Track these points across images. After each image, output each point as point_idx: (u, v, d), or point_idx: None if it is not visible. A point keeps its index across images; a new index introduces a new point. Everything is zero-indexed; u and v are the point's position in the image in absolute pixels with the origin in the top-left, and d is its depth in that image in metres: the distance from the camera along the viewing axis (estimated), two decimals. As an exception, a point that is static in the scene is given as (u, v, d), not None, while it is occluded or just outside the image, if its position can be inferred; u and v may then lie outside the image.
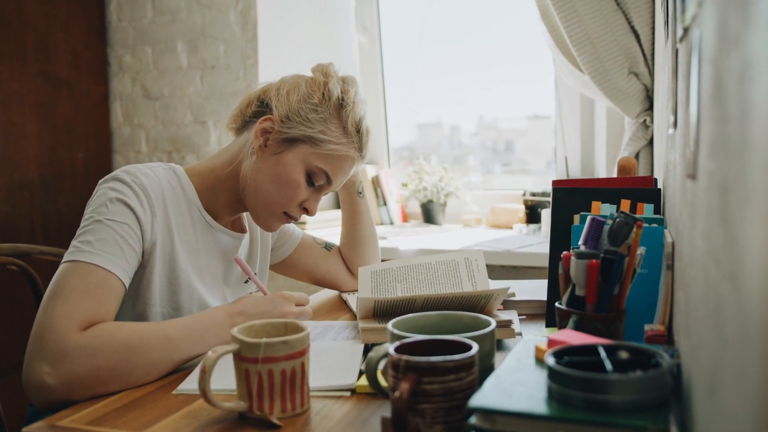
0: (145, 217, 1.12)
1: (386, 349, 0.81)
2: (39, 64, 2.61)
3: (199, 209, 1.24)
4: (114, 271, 1.05)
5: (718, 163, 0.50)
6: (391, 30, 3.01)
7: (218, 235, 1.27)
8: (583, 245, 0.95)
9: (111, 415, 0.90)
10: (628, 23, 1.96)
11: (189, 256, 1.21)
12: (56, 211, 2.67)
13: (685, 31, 0.79)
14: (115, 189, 1.12)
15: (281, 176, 1.22)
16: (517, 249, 2.16)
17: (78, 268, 1.03)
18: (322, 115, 1.22)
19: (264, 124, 1.22)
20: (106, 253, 1.05)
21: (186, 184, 1.23)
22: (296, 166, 1.22)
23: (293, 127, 1.21)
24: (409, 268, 1.33)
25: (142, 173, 1.15)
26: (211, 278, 1.26)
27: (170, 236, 1.17)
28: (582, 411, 0.65)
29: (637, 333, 1.02)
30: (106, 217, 1.08)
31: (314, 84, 1.25)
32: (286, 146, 1.22)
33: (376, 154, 3.01)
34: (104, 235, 1.07)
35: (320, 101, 1.23)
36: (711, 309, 0.53)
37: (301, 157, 1.22)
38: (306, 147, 1.22)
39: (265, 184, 1.23)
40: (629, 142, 2.01)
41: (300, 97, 1.23)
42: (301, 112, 1.22)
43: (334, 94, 1.23)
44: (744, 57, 0.40)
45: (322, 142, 1.22)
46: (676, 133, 0.94)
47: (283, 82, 1.28)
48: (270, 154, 1.23)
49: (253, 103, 1.28)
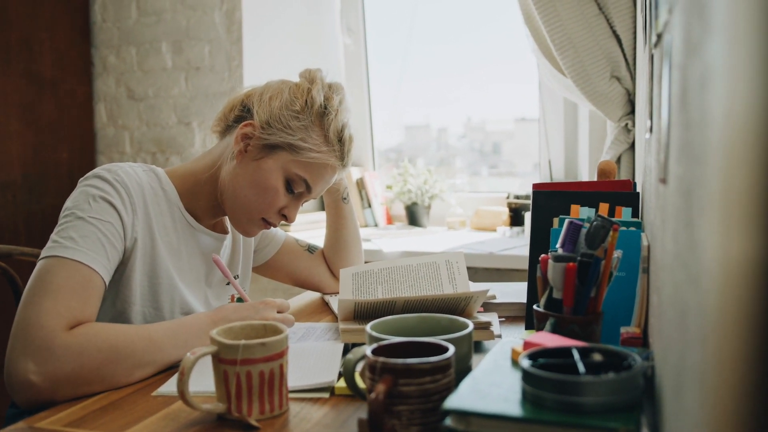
0: (127, 216, 1.12)
1: (364, 351, 0.82)
2: (22, 64, 2.59)
3: (181, 210, 1.23)
4: (97, 270, 1.05)
5: (684, 168, 0.51)
6: (376, 31, 3.01)
7: (200, 236, 1.27)
8: (561, 248, 0.96)
9: (90, 416, 0.90)
10: (610, 27, 1.98)
11: (170, 256, 1.21)
12: (40, 212, 2.66)
13: (659, 37, 0.80)
14: (97, 187, 1.11)
15: (260, 183, 1.22)
16: (500, 251, 2.17)
17: (63, 265, 1.03)
18: (303, 123, 1.22)
19: (245, 129, 1.22)
20: (90, 250, 1.05)
21: (167, 185, 1.23)
22: (275, 173, 1.22)
23: (273, 133, 1.21)
24: (390, 270, 1.33)
25: (123, 171, 1.15)
26: (192, 279, 1.26)
27: (151, 235, 1.17)
28: (555, 413, 0.66)
29: (615, 335, 1.03)
30: (90, 215, 1.08)
31: (298, 90, 1.24)
32: (265, 152, 1.22)
33: (361, 157, 3.02)
34: (87, 233, 1.06)
35: (302, 108, 1.22)
36: (678, 312, 0.54)
37: (281, 164, 1.22)
38: (286, 154, 1.21)
39: (244, 190, 1.22)
40: (611, 146, 2.02)
41: (282, 104, 1.22)
42: (282, 118, 1.21)
43: (317, 101, 1.23)
44: (704, 64, 0.41)
45: (302, 150, 1.21)
46: (652, 137, 0.95)
47: (267, 87, 1.28)
48: (250, 160, 1.22)
49: (236, 107, 1.28)
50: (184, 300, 1.22)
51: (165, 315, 1.19)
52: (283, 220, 1.28)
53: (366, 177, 2.83)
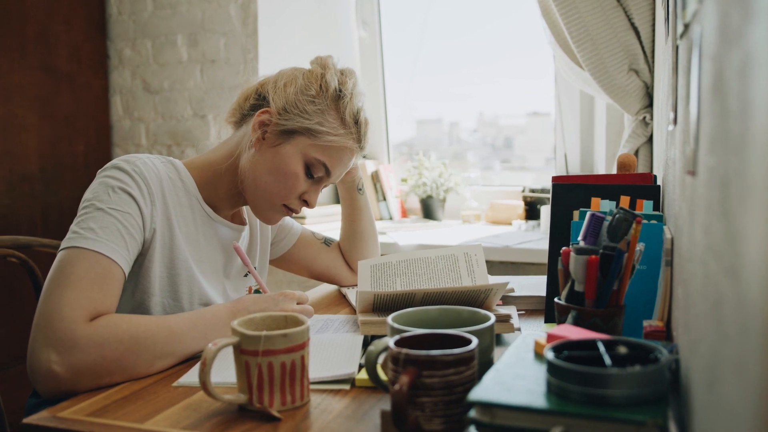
0: (146, 206, 1.12)
1: (386, 342, 0.82)
2: (39, 57, 2.60)
3: (199, 201, 1.24)
4: (117, 261, 1.05)
5: (718, 158, 0.51)
6: (391, 25, 3.01)
7: (218, 227, 1.27)
8: (583, 241, 0.95)
9: (112, 406, 0.90)
10: (628, 20, 1.96)
11: (189, 247, 1.21)
12: (56, 204, 2.67)
13: (686, 28, 0.79)
14: (116, 178, 1.12)
15: (280, 168, 1.22)
16: (516, 245, 2.16)
17: (84, 256, 1.03)
18: (319, 107, 1.22)
19: (261, 116, 1.23)
20: (110, 241, 1.05)
21: (185, 177, 1.23)
22: (294, 158, 1.22)
23: (291, 119, 1.22)
24: (408, 263, 1.33)
25: (142, 162, 1.15)
26: (211, 270, 1.26)
27: (170, 227, 1.17)
28: (580, 405, 0.66)
29: (636, 329, 1.03)
30: (109, 206, 1.08)
31: (312, 76, 1.25)
32: (284, 138, 1.22)
33: (376, 150, 3.01)
34: (107, 224, 1.07)
35: (317, 93, 1.23)
36: (710, 303, 0.53)
37: (300, 148, 1.22)
38: (304, 139, 1.22)
39: (264, 177, 1.23)
40: (629, 139, 2.01)
41: (297, 89, 1.23)
42: (299, 103, 1.22)
43: (332, 85, 1.23)
44: (745, 52, 0.40)
45: (320, 134, 1.22)
46: (676, 129, 0.94)
47: (280, 74, 1.28)
48: (268, 147, 1.23)
49: (251, 96, 1.28)
50: (202, 291, 1.23)
51: (184, 306, 1.20)
52: (304, 206, 1.29)
53: (381, 170, 2.83)
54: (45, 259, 1.73)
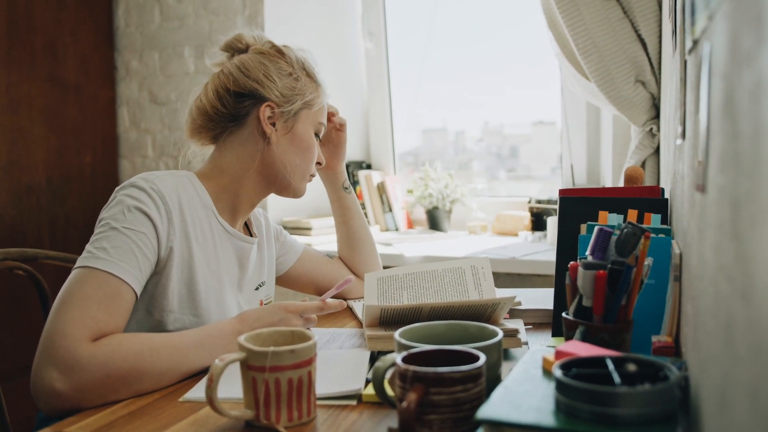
0: (162, 225, 1.12)
1: (393, 358, 0.81)
2: (47, 68, 2.62)
3: (215, 214, 1.24)
4: (128, 281, 1.05)
5: (729, 178, 0.50)
6: (397, 34, 3.01)
7: (234, 240, 1.28)
8: (591, 255, 0.95)
9: (118, 422, 0.90)
10: (635, 31, 1.96)
11: (208, 263, 1.21)
12: (63, 215, 2.68)
13: (695, 44, 0.79)
14: (133, 196, 1.12)
15: (302, 146, 1.31)
16: (522, 257, 2.16)
17: (93, 276, 1.03)
18: (301, 81, 1.30)
19: (265, 112, 1.26)
20: (122, 261, 1.05)
21: (200, 190, 1.23)
22: (308, 132, 1.32)
23: (292, 101, 1.28)
24: (415, 276, 1.33)
25: (160, 180, 1.16)
26: (228, 284, 1.26)
27: (188, 243, 1.17)
28: (590, 424, 0.65)
29: (644, 344, 1.02)
30: (123, 225, 1.08)
31: (271, 57, 1.30)
32: (292, 120, 1.29)
33: (382, 161, 3.02)
34: (120, 243, 1.07)
35: (292, 70, 1.30)
36: (721, 324, 0.53)
37: (308, 122, 1.31)
38: (306, 111, 1.31)
39: (293, 159, 1.30)
40: (635, 151, 2.01)
41: (280, 74, 1.28)
42: (288, 85, 1.28)
43: (293, 56, 1.31)
44: (757, 75, 0.40)
45: (313, 102, 1.32)
46: (685, 143, 0.94)
47: (226, 75, 1.30)
48: (282, 134, 1.29)
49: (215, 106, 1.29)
50: (223, 305, 1.23)
51: (204, 322, 1.19)
52: (318, 165, 1.39)
53: (387, 181, 2.83)
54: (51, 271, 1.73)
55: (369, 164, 3.03)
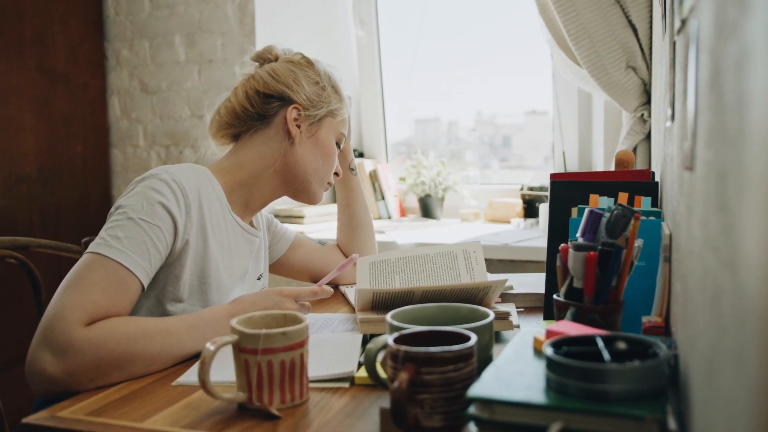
0: (181, 218, 1.13)
1: (385, 340, 0.82)
2: (36, 58, 2.60)
3: (229, 209, 1.26)
4: (136, 273, 1.06)
5: (715, 152, 0.51)
6: (389, 24, 3.00)
7: (246, 234, 1.30)
8: (581, 237, 0.95)
9: (111, 405, 0.90)
10: (625, 17, 1.96)
11: (222, 256, 1.23)
12: (54, 205, 2.67)
13: (683, 23, 0.79)
14: (154, 188, 1.12)
15: (323, 151, 1.34)
16: (514, 243, 2.16)
17: (102, 263, 1.04)
18: (327, 91, 1.34)
19: (292, 113, 1.30)
20: (133, 253, 1.06)
21: (215, 185, 1.25)
22: (330, 139, 1.36)
23: (318, 106, 1.33)
24: (407, 260, 1.33)
25: (181, 173, 1.16)
26: (237, 276, 1.29)
27: (204, 236, 1.18)
28: (580, 400, 0.66)
29: (635, 325, 1.03)
30: (140, 216, 1.09)
31: (300, 66, 1.34)
32: (316, 126, 1.33)
33: (374, 149, 3.01)
34: (134, 234, 1.07)
35: (319, 80, 1.34)
36: (708, 297, 0.53)
37: (331, 129, 1.36)
38: (330, 119, 1.35)
39: (314, 163, 1.33)
40: (627, 137, 2.01)
41: (308, 82, 1.32)
42: (317, 92, 1.33)
43: (320, 69, 1.36)
44: (741, 45, 0.40)
45: (338, 112, 1.36)
46: (674, 125, 0.94)
47: (277, 74, 1.32)
48: (305, 138, 1.32)
49: (245, 106, 1.32)
50: (231, 298, 1.23)
51: None
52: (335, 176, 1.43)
53: (379, 169, 2.83)
54: (43, 260, 1.73)
55: (361, 152, 3.03)
